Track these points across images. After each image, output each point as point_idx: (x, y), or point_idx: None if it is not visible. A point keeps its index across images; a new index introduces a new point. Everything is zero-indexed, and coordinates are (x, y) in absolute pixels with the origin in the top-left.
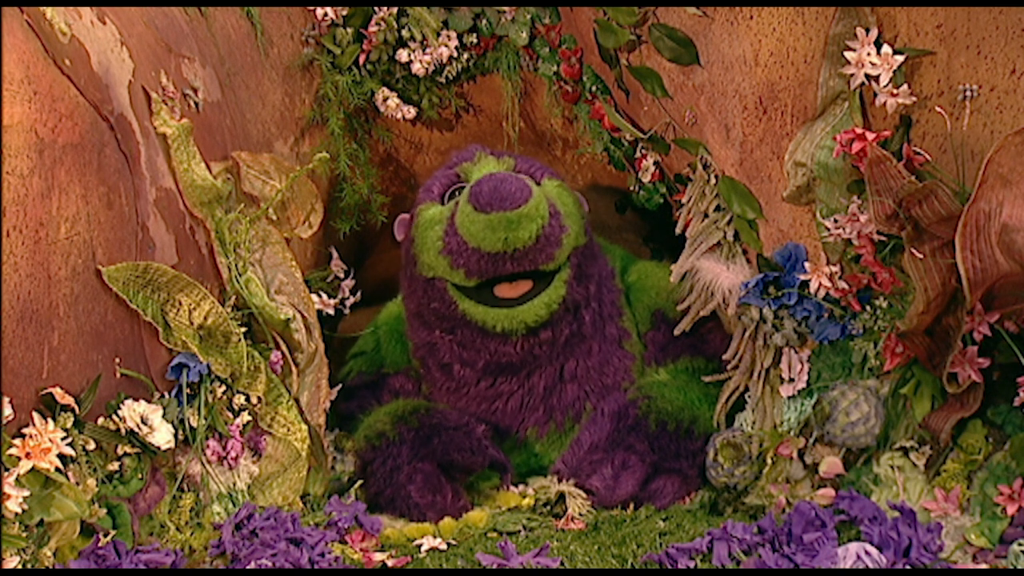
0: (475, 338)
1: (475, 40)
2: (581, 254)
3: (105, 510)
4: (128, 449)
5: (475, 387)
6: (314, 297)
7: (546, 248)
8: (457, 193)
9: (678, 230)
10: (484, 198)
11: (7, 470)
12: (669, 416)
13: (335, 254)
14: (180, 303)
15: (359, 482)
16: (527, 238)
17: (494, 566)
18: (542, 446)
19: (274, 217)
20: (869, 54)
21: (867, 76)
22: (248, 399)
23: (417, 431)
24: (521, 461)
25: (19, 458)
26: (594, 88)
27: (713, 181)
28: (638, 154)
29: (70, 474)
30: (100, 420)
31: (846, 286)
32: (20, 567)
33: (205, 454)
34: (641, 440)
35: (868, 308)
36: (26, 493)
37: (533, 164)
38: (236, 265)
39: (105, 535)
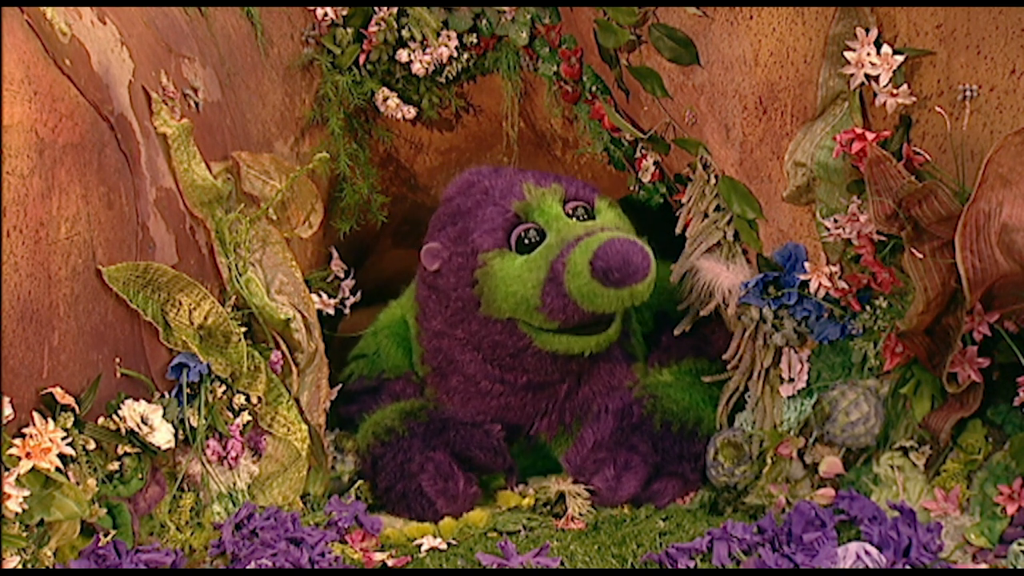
0: (534, 362)
1: (475, 40)
2: None
3: (105, 510)
4: (128, 449)
5: (497, 399)
6: (314, 297)
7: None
8: (532, 236)
9: (678, 230)
10: (615, 276)
11: (7, 470)
12: (674, 416)
13: (335, 254)
14: (180, 303)
15: (360, 481)
16: (648, 294)
17: (494, 566)
18: (550, 447)
19: (274, 217)
20: (869, 54)
21: (867, 76)
22: (248, 399)
23: (427, 425)
24: (529, 464)
25: (19, 458)
26: (594, 88)
27: (713, 181)
28: (638, 154)
29: (70, 474)
30: (100, 420)
31: (846, 286)
32: (20, 567)
33: (205, 454)
34: (644, 440)
35: (868, 308)
36: (26, 493)
37: (578, 185)
38: (236, 265)
39: (105, 535)
